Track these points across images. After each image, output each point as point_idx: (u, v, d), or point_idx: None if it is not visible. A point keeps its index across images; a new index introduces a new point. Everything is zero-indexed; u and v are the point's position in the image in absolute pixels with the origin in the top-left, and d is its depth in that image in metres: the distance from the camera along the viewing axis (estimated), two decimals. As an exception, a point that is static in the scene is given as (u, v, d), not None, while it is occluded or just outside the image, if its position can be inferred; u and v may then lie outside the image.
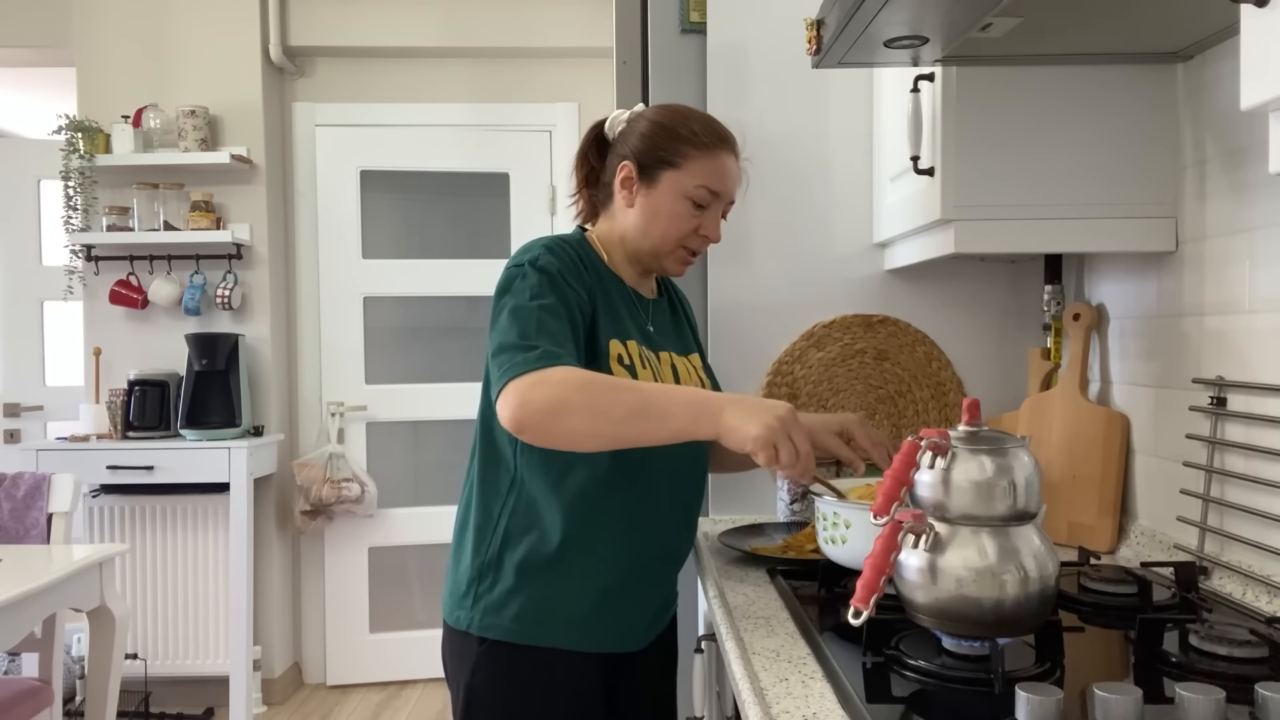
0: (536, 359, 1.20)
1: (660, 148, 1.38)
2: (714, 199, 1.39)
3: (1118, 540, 1.62)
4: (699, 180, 1.38)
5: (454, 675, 1.40)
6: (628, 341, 1.36)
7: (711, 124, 1.42)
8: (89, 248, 3.48)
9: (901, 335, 1.94)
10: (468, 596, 1.37)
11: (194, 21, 3.52)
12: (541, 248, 1.35)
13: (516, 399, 1.18)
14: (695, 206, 1.38)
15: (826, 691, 0.99)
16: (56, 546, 2.59)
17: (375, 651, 3.85)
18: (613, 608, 1.37)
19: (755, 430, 1.15)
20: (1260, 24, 0.81)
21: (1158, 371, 1.55)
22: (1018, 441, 1.03)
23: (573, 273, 1.33)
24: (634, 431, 1.20)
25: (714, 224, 1.41)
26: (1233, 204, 1.36)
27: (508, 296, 1.30)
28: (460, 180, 3.88)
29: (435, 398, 3.82)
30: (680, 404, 1.19)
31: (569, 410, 1.18)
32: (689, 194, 1.38)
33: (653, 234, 1.40)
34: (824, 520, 1.39)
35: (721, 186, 1.39)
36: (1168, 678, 1.01)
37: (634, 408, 1.18)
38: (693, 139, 1.38)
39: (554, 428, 1.19)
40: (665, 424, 1.19)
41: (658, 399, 1.20)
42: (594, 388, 1.19)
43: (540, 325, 1.24)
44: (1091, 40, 1.40)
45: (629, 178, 1.40)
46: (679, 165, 1.37)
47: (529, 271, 1.31)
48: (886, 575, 0.99)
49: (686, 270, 1.46)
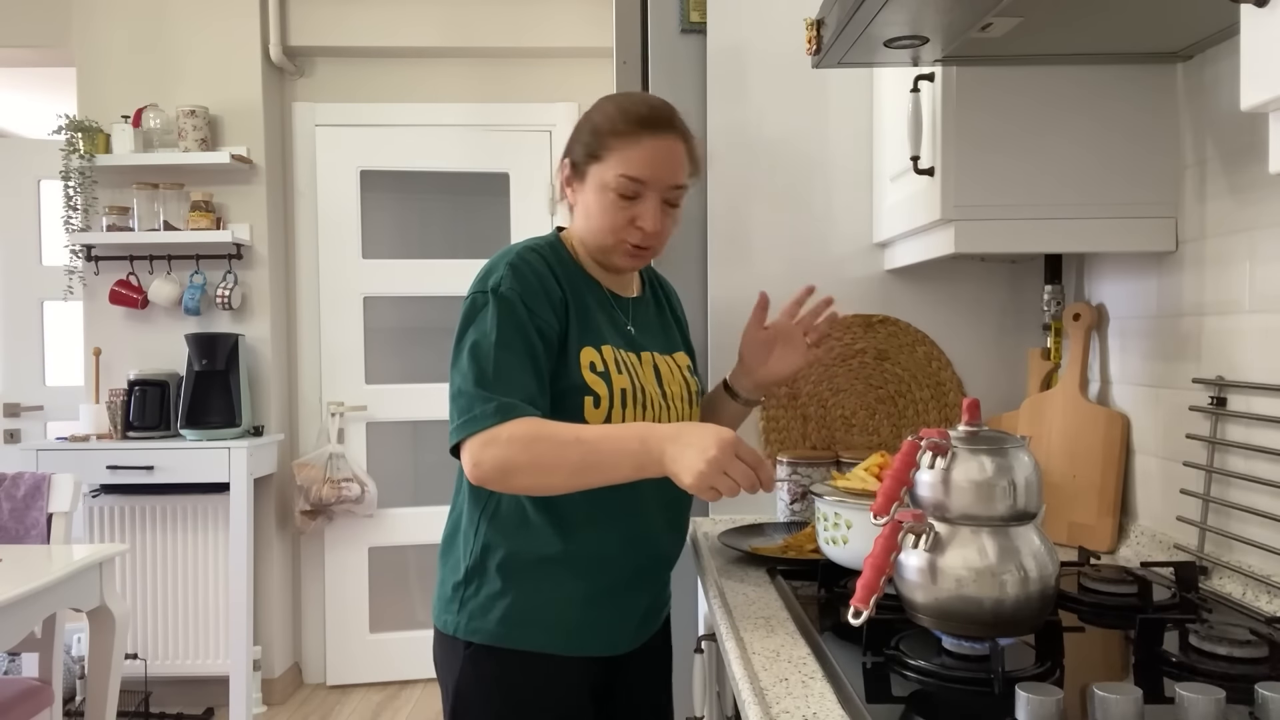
0: (493, 413, 1.22)
1: (583, 141, 1.35)
2: (641, 187, 1.32)
3: (1118, 540, 1.62)
4: (618, 169, 1.31)
5: (443, 678, 1.40)
6: (602, 347, 1.34)
7: (633, 108, 1.34)
8: (89, 248, 3.48)
9: (901, 335, 1.94)
10: (454, 601, 1.37)
11: (194, 21, 3.52)
12: (506, 266, 1.32)
13: (470, 459, 1.23)
14: (621, 198, 1.32)
15: (826, 691, 0.99)
16: (56, 546, 2.59)
17: (375, 651, 3.85)
18: (599, 611, 1.36)
19: (688, 480, 1.15)
20: (1260, 24, 0.81)
21: (1158, 371, 1.55)
22: (1018, 441, 1.03)
23: (536, 293, 1.30)
24: (583, 481, 1.23)
25: (648, 214, 1.32)
26: (1233, 204, 1.36)
27: (470, 331, 1.29)
28: (460, 180, 3.88)
29: (435, 398, 3.81)
30: (623, 453, 1.19)
31: (517, 470, 1.21)
32: (611, 185, 1.32)
33: (591, 230, 1.36)
34: (824, 520, 1.39)
35: (646, 173, 1.31)
36: (1168, 678, 1.01)
37: (577, 463, 1.20)
38: (610, 127, 1.32)
39: (509, 484, 1.24)
40: (614, 471, 1.21)
41: (601, 449, 1.20)
42: (538, 445, 1.21)
43: (498, 370, 1.24)
44: (1091, 40, 1.40)
45: (567, 176, 1.39)
46: (601, 157, 1.33)
47: (492, 302, 1.29)
48: (886, 575, 0.99)
49: (641, 263, 1.41)
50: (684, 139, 1.36)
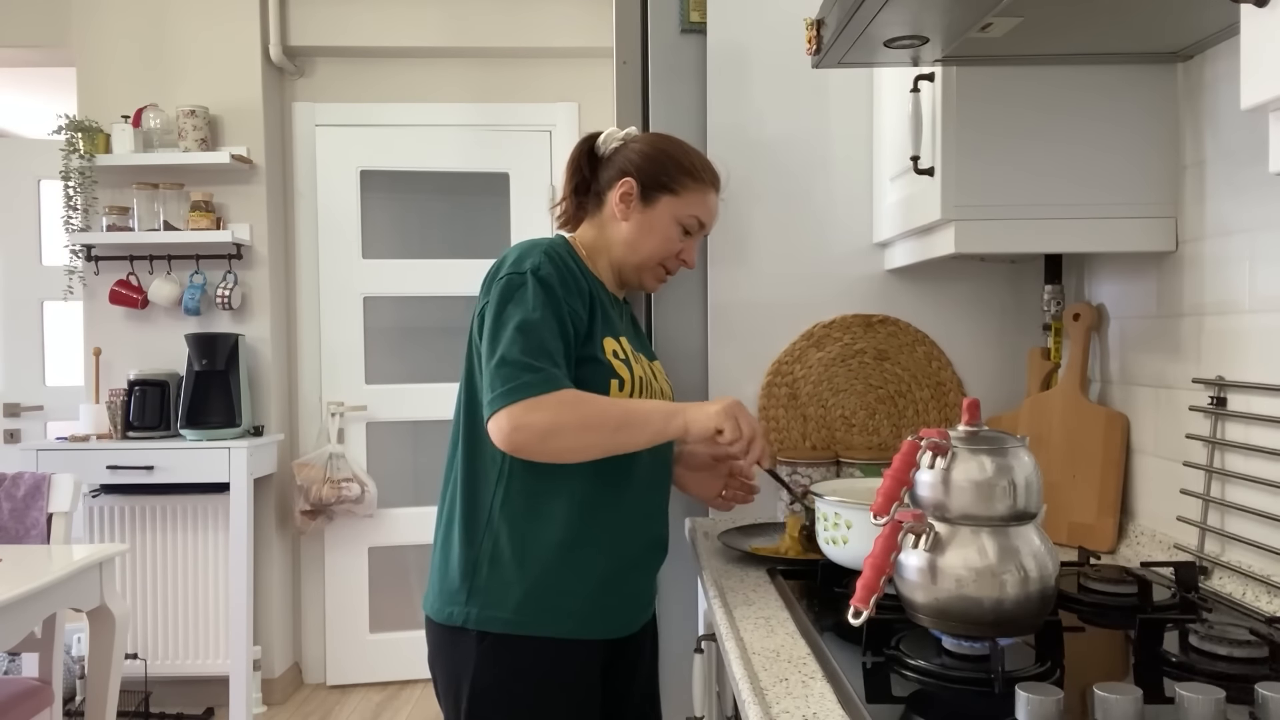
0: (542, 382, 1.29)
1: (664, 173, 1.50)
2: (699, 229, 1.54)
3: (1118, 540, 1.62)
4: (693, 210, 1.51)
5: (449, 675, 1.39)
6: (620, 339, 1.44)
7: (709, 164, 1.55)
8: (89, 248, 3.48)
9: (901, 335, 1.94)
10: (461, 591, 1.37)
11: (194, 21, 3.52)
12: (542, 254, 1.40)
13: (511, 423, 1.28)
14: (684, 233, 1.52)
15: (826, 691, 0.99)
16: (56, 546, 2.59)
17: (375, 651, 3.85)
18: (613, 594, 1.41)
19: (714, 409, 1.35)
20: (1260, 24, 0.81)
21: (1158, 371, 1.55)
22: (1018, 441, 1.03)
23: (570, 283, 1.39)
24: (621, 440, 1.34)
25: (693, 251, 1.55)
26: (1233, 204, 1.36)
27: (512, 307, 1.34)
28: (460, 180, 3.88)
29: (435, 398, 3.81)
30: (653, 410, 1.36)
31: (564, 430, 1.30)
32: (682, 220, 1.51)
33: (641, 250, 1.50)
34: (824, 520, 1.39)
35: (709, 220, 1.55)
36: (1168, 678, 1.01)
37: (619, 419, 1.33)
38: (694, 172, 1.51)
39: (548, 446, 1.31)
40: (645, 429, 1.35)
41: (636, 409, 1.36)
42: (584, 407, 1.32)
43: (543, 344, 1.32)
44: (1091, 40, 1.40)
45: (629, 194, 1.49)
46: (677, 193, 1.50)
47: (532, 281, 1.36)
48: (886, 575, 0.99)
49: (658, 288, 1.59)
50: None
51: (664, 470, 1.54)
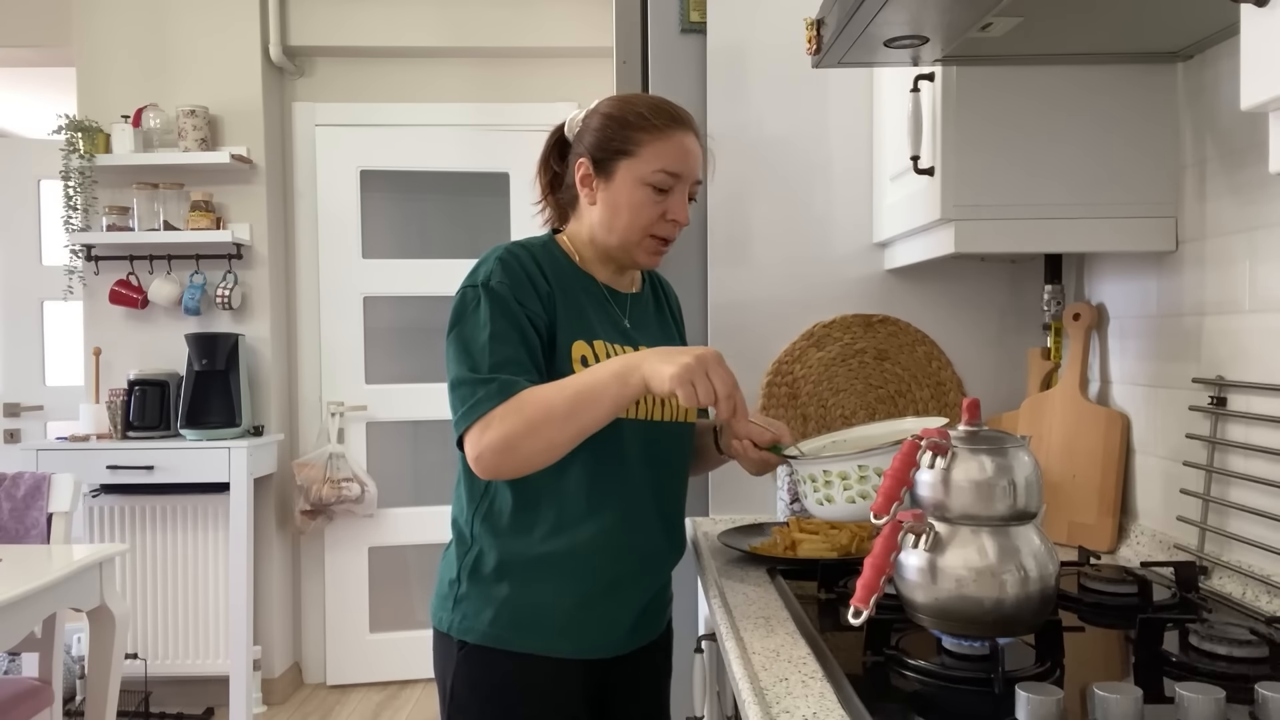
0: (492, 395, 1.23)
1: (612, 139, 1.36)
2: (675, 181, 1.36)
3: (1118, 540, 1.62)
4: (656, 164, 1.35)
5: (439, 677, 1.40)
6: (594, 341, 1.35)
7: (662, 105, 1.38)
8: (89, 247, 3.48)
9: (901, 335, 1.94)
10: (448, 599, 1.37)
11: (194, 21, 3.52)
12: (495, 261, 1.33)
13: (473, 452, 1.24)
14: (656, 192, 1.35)
15: (826, 691, 0.99)
16: (56, 546, 2.59)
17: (375, 651, 3.85)
18: (593, 611, 1.35)
19: (670, 369, 1.18)
20: (1260, 24, 0.81)
21: (1158, 371, 1.55)
22: (1018, 441, 1.03)
23: (523, 287, 1.32)
24: (581, 423, 1.23)
25: (680, 206, 1.37)
26: (1233, 204, 1.36)
27: (462, 326, 1.30)
28: (460, 180, 3.88)
29: (435, 398, 3.81)
30: (607, 378, 1.22)
31: (517, 439, 1.22)
32: (647, 180, 1.35)
33: (617, 227, 1.37)
34: (812, 482, 1.36)
35: (681, 167, 1.36)
36: (1168, 678, 1.01)
37: (568, 405, 1.22)
38: (643, 123, 1.35)
39: (512, 461, 1.24)
40: (602, 401, 1.22)
41: (586, 384, 1.23)
42: (527, 408, 1.22)
43: (492, 355, 1.26)
44: (1091, 40, 1.40)
45: (587, 174, 1.38)
46: (633, 153, 1.35)
47: (483, 295, 1.30)
48: (886, 575, 0.99)
49: (660, 260, 1.43)
50: (699, 138, 1.41)
51: (664, 478, 1.42)
